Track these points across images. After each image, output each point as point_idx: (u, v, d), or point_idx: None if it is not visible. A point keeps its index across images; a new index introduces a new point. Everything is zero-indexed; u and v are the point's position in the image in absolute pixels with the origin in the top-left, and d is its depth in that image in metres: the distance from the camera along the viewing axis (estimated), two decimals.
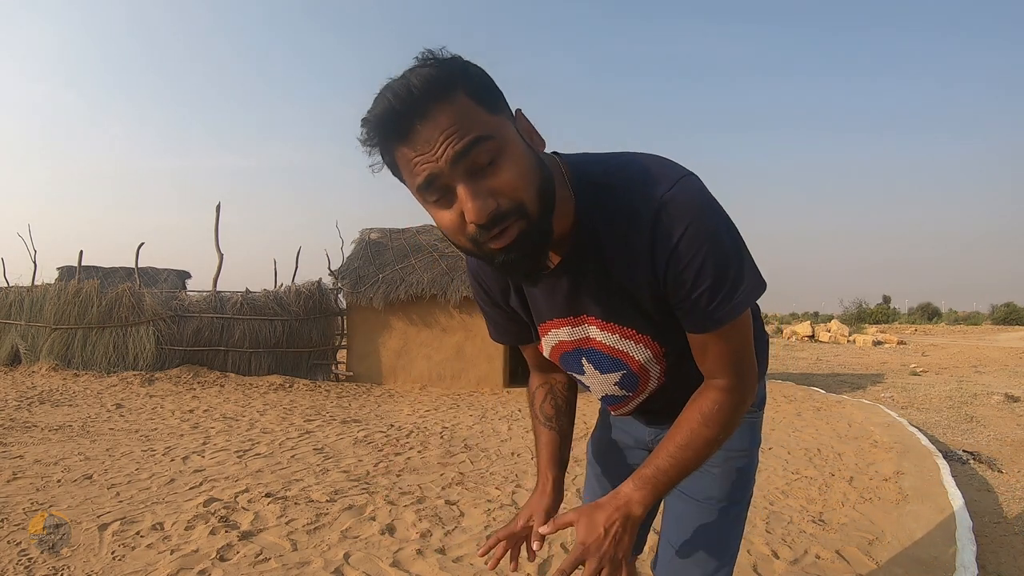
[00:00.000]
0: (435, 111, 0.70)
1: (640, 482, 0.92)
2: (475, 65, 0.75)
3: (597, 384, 1.06)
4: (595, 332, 0.96)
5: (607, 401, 1.12)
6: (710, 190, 0.84)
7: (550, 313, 0.98)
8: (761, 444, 1.19)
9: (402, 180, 0.77)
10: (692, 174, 0.83)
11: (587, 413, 6.37)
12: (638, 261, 0.84)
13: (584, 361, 1.02)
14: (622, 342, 0.96)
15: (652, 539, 2.07)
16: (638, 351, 0.96)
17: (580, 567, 0.88)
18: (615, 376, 1.02)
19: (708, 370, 0.93)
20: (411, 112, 0.70)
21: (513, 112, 0.79)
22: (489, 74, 0.76)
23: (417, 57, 0.73)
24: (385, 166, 0.77)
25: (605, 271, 0.88)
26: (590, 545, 0.87)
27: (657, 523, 1.28)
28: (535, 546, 1.00)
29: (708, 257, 0.80)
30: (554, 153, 0.87)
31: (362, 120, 0.74)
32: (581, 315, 0.95)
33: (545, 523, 1.02)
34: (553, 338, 1.02)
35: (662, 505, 1.17)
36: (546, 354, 1.08)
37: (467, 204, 0.72)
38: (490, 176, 0.73)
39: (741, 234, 0.85)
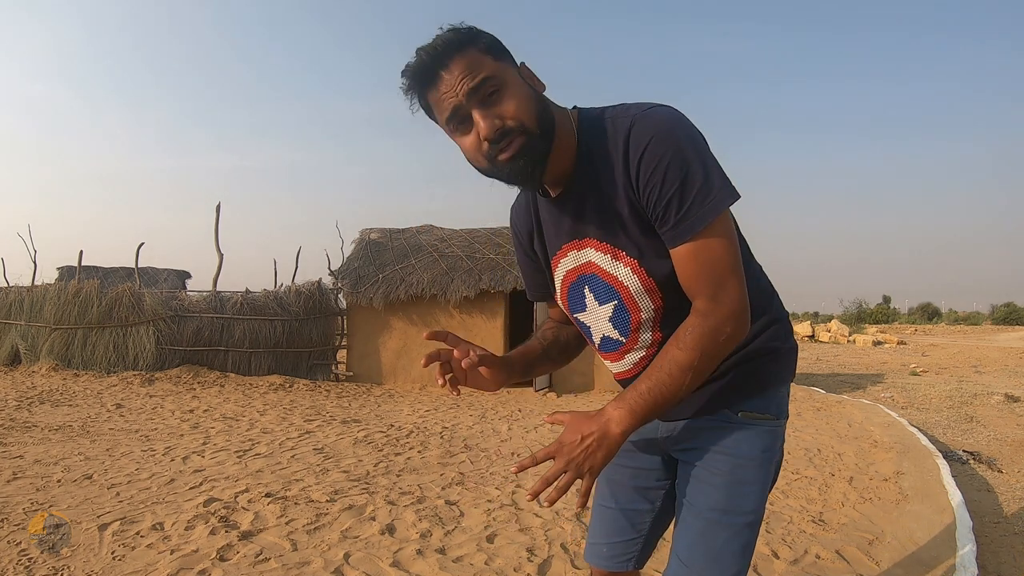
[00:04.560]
0: (454, 61, 0.92)
1: (618, 400, 0.96)
2: (486, 31, 0.97)
3: (596, 321, 1.12)
4: (593, 254, 1.06)
5: (605, 347, 1.13)
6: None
7: (559, 241, 1.10)
8: (781, 460, 1.13)
9: (434, 119, 0.99)
10: (668, 105, 0.97)
11: None
12: (618, 173, 0.97)
13: (586, 291, 1.10)
14: (614, 265, 1.03)
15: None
16: (627, 277, 1.03)
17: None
18: (609, 308, 1.08)
19: (687, 289, 0.98)
20: (436, 64, 0.92)
21: (518, 64, 1.00)
22: (497, 38, 0.98)
23: (441, 28, 0.95)
24: (420, 108, 0.98)
25: (598, 190, 1.01)
26: (564, 446, 0.92)
27: (668, 533, 1.23)
28: (464, 360, 1.02)
29: (672, 162, 0.91)
30: (574, 107, 1.05)
31: (402, 72, 0.96)
32: (584, 238, 1.06)
33: (467, 355, 1.02)
34: (562, 270, 1.12)
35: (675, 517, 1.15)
36: (559, 298, 1.17)
37: (480, 124, 0.92)
38: (497, 105, 0.93)
39: (711, 150, 0.95)
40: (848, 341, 20.37)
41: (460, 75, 0.91)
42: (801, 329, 22.65)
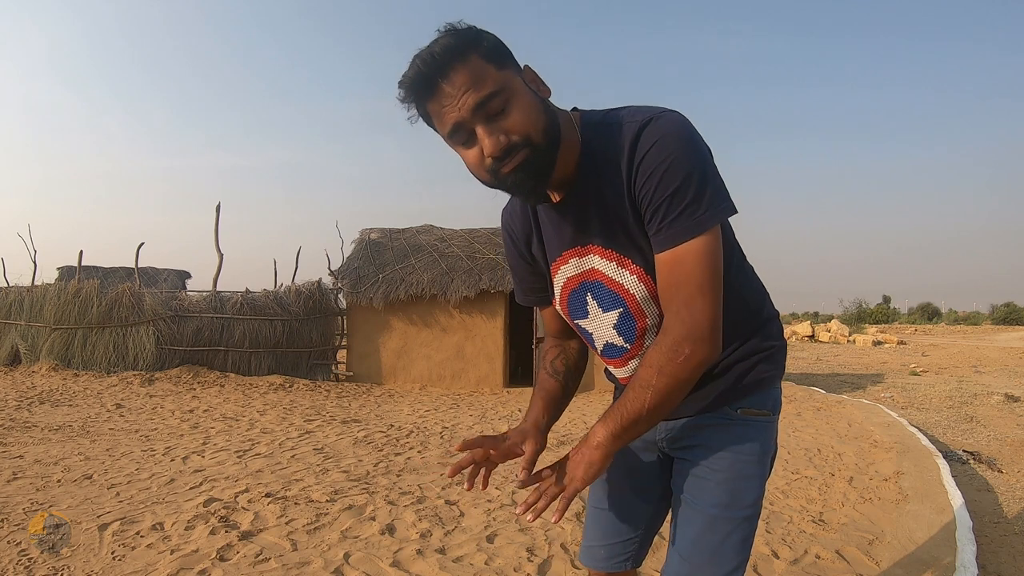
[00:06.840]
0: (455, 71, 0.86)
1: (601, 417, 1.00)
2: (487, 32, 0.92)
3: (599, 328, 1.10)
4: (597, 261, 1.04)
5: (608, 353, 1.13)
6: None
7: (560, 246, 1.08)
8: (776, 454, 1.14)
9: (434, 128, 0.94)
10: (678, 112, 0.95)
11: (587, 414, 6.37)
12: (623, 178, 0.95)
13: (588, 298, 1.09)
14: (619, 272, 1.02)
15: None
16: (633, 285, 1.02)
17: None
18: (614, 315, 1.07)
19: (660, 300, 0.98)
20: (436, 73, 0.86)
21: (521, 67, 0.95)
22: (499, 38, 0.93)
23: (439, 29, 0.89)
24: (420, 118, 0.93)
25: (602, 197, 0.98)
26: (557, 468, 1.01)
27: (665, 530, 1.24)
28: (522, 476, 1.03)
29: (670, 168, 0.89)
30: (574, 108, 1.03)
31: (398, 83, 0.90)
32: (587, 245, 1.04)
33: (529, 466, 1.04)
34: (562, 276, 1.11)
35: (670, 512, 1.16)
36: (558, 304, 1.16)
37: (484, 141, 0.89)
38: (502, 119, 0.89)
39: (716, 165, 0.94)
40: (848, 341, 20.37)
41: (463, 88, 0.86)
42: (801, 329, 22.66)
